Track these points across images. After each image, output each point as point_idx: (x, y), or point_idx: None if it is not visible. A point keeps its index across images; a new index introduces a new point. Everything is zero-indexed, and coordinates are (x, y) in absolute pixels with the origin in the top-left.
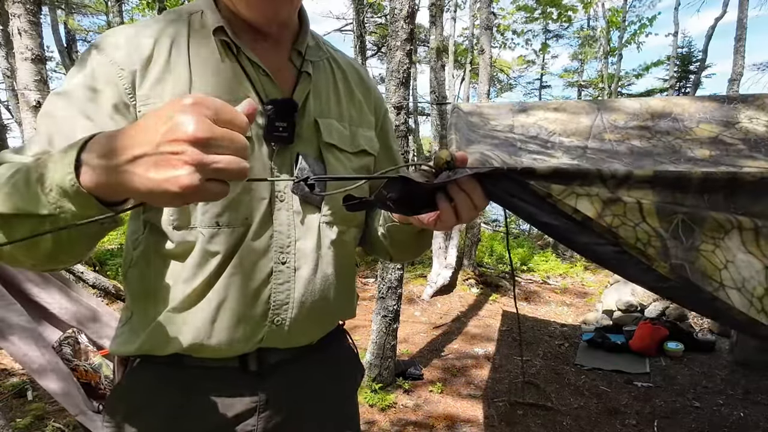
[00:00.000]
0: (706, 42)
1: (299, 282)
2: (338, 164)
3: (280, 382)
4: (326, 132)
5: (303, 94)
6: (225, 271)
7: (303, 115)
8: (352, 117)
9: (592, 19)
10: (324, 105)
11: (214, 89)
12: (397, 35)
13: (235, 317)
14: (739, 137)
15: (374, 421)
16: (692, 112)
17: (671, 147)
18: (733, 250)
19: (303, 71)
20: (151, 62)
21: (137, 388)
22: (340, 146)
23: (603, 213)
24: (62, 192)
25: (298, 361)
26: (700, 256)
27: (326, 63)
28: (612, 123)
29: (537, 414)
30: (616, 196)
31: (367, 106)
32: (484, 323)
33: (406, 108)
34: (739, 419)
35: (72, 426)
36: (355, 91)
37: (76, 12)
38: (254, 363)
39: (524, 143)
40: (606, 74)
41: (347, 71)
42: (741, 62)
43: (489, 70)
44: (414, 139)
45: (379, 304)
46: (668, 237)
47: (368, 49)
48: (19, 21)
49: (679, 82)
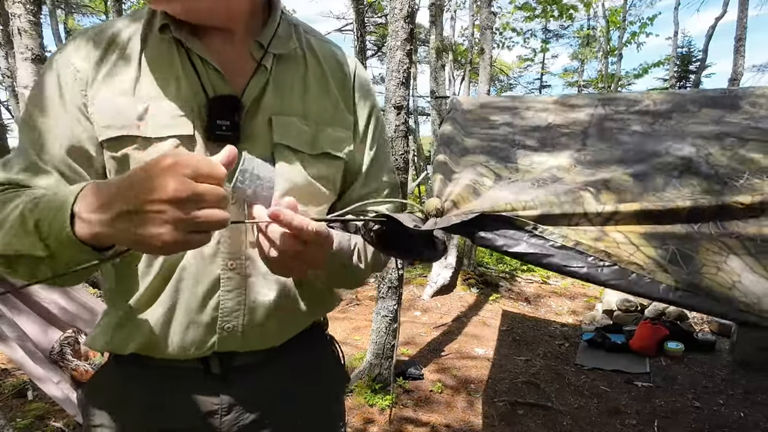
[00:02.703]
0: (706, 42)
1: (251, 289)
2: (291, 168)
3: (246, 385)
4: (279, 131)
5: (256, 89)
6: (173, 276)
7: (257, 112)
8: (321, 115)
9: (592, 19)
10: (286, 101)
11: (159, 88)
12: (397, 35)
13: (185, 323)
14: (742, 117)
15: (374, 420)
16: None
17: (674, 130)
18: (738, 271)
19: (261, 64)
20: (102, 62)
21: (108, 384)
22: (296, 147)
23: (595, 245)
24: (59, 242)
25: (266, 366)
26: (705, 278)
27: (300, 54)
28: (613, 110)
29: (537, 414)
30: (605, 233)
31: (344, 103)
32: (484, 323)
33: (406, 108)
34: (739, 419)
35: (72, 426)
36: (332, 85)
37: (75, 12)
38: (217, 366)
39: (522, 137)
40: (606, 74)
41: (326, 63)
42: (741, 62)
43: (489, 70)
44: (414, 139)
45: (379, 304)
46: (667, 264)
47: (368, 49)
48: (19, 21)
49: (679, 82)
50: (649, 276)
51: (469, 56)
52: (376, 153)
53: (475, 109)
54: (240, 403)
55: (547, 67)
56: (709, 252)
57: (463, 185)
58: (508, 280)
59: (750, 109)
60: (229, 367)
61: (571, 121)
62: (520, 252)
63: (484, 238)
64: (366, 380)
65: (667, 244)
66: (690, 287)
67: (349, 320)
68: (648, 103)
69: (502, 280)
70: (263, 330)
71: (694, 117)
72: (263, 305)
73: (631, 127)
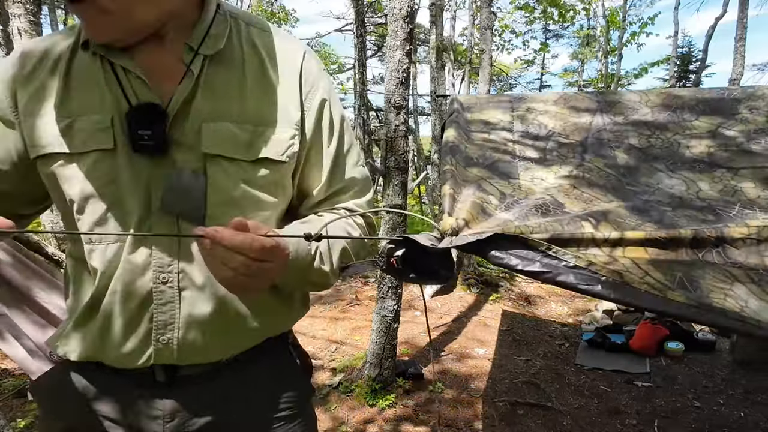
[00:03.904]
0: (706, 42)
1: (185, 302)
2: (225, 178)
3: (192, 395)
4: (209, 139)
5: (183, 95)
6: (108, 287)
7: (185, 120)
8: (262, 115)
9: (592, 19)
10: (220, 105)
11: (83, 102)
12: (397, 35)
13: (123, 334)
14: (738, 129)
15: (374, 420)
16: (692, 105)
17: (669, 145)
18: (745, 297)
19: (188, 69)
20: (32, 78)
21: (59, 383)
22: (231, 155)
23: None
24: None
25: (215, 378)
26: (714, 301)
27: (237, 51)
28: (611, 120)
29: (537, 414)
30: (614, 258)
31: (290, 99)
32: (484, 323)
33: (406, 108)
34: (739, 419)
35: None
36: (274, 81)
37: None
38: (162, 374)
39: (522, 147)
40: (606, 74)
41: (268, 57)
42: (741, 62)
43: (489, 70)
44: (414, 139)
45: (379, 304)
46: (676, 288)
47: (368, 49)
48: (19, 21)
49: (679, 82)
50: (662, 295)
51: (469, 56)
52: (336, 148)
53: (475, 109)
54: (185, 411)
55: (547, 67)
56: (715, 279)
57: (471, 202)
58: (508, 280)
59: (747, 116)
60: (175, 377)
61: (571, 128)
62: (534, 271)
63: (497, 257)
64: (366, 380)
65: (674, 271)
66: (703, 306)
67: (349, 320)
68: (646, 111)
69: (502, 280)
70: (203, 344)
71: (690, 129)
72: (199, 319)
73: (629, 140)
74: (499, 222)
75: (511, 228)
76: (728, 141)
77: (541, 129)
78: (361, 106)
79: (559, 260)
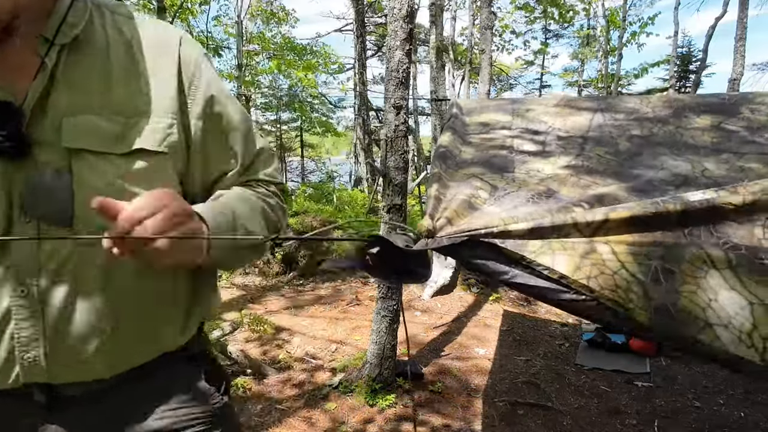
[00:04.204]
0: (706, 42)
1: (49, 316)
2: (93, 174)
3: (77, 418)
4: (70, 134)
5: (38, 90)
6: None
7: (44, 116)
8: (133, 105)
9: (593, 19)
10: (82, 97)
11: None
12: (396, 35)
13: None
14: (740, 125)
15: (374, 420)
16: (693, 106)
17: (672, 136)
18: (716, 288)
19: (43, 61)
20: None
21: None
22: (98, 149)
23: (581, 265)
24: None
25: (102, 399)
26: (682, 297)
27: (99, 38)
28: (612, 116)
29: (537, 414)
30: (592, 247)
31: (165, 86)
32: (484, 323)
33: (406, 108)
34: (739, 419)
35: None
36: (143, 68)
37: None
38: (39, 395)
39: (520, 141)
40: (606, 74)
41: (136, 44)
42: (741, 62)
43: (489, 70)
44: (414, 139)
45: (380, 304)
46: (648, 281)
47: (368, 49)
48: None
49: (679, 82)
50: (625, 312)
51: (469, 56)
52: (239, 125)
53: (475, 113)
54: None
55: (547, 67)
56: (691, 266)
57: (459, 200)
58: None
59: (749, 116)
60: (56, 397)
61: (572, 125)
62: (507, 280)
63: (473, 264)
64: (366, 380)
65: (650, 260)
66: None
67: (349, 320)
68: (647, 110)
69: None
70: (78, 361)
71: (692, 122)
72: (70, 334)
73: (630, 131)
74: (485, 216)
75: (494, 222)
76: (731, 133)
77: (540, 125)
78: (361, 106)
79: (533, 270)
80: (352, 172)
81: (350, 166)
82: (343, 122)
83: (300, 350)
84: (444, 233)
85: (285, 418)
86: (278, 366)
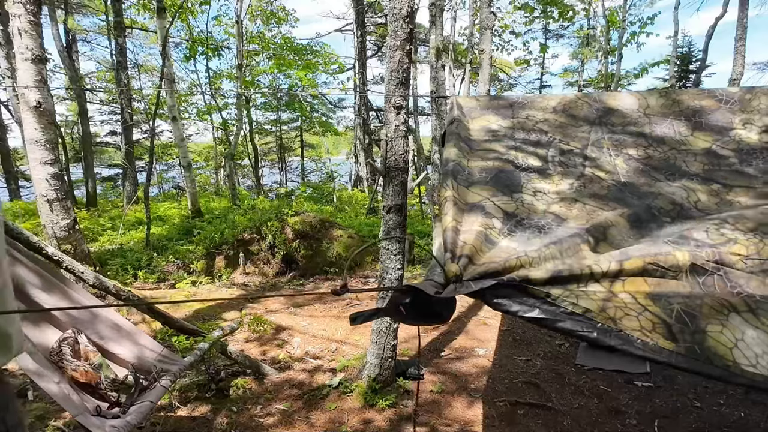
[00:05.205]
0: (706, 41)
1: None
2: None
3: None
4: None
5: None
6: None
7: None
8: None
9: (592, 19)
10: None
11: None
12: (397, 35)
13: None
14: (731, 148)
15: (374, 420)
16: (689, 114)
17: (666, 160)
18: (741, 327)
19: None
20: None
21: None
22: None
23: (605, 307)
24: None
25: None
26: (708, 337)
27: None
28: (610, 129)
29: (537, 414)
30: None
31: None
32: (485, 323)
33: (406, 108)
34: (739, 419)
35: (72, 426)
36: None
37: (75, 12)
38: None
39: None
40: (606, 74)
41: None
42: (741, 62)
43: (489, 69)
44: (414, 139)
45: (380, 304)
46: (673, 322)
47: (368, 49)
48: (19, 21)
49: (679, 82)
50: (653, 341)
51: (469, 56)
52: None
53: (475, 113)
54: None
55: (547, 67)
56: (712, 310)
57: (475, 233)
58: None
59: (741, 133)
60: None
61: (571, 138)
62: (533, 317)
63: (499, 303)
64: (366, 380)
65: (671, 304)
66: (691, 352)
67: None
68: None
69: None
70: None
71: (686, 145)
72: None
73: (627, 150)
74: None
75: (513, 262)
76: (721, 160)
77: (541, 135)
78: (361, 106)
79: (557, 307)
80: (352, 172)
81: (350, 166)
82: (343, 122)
83: (300, 350)
84: (468, 274)
85: (285, 418)
86: (278, 366)
